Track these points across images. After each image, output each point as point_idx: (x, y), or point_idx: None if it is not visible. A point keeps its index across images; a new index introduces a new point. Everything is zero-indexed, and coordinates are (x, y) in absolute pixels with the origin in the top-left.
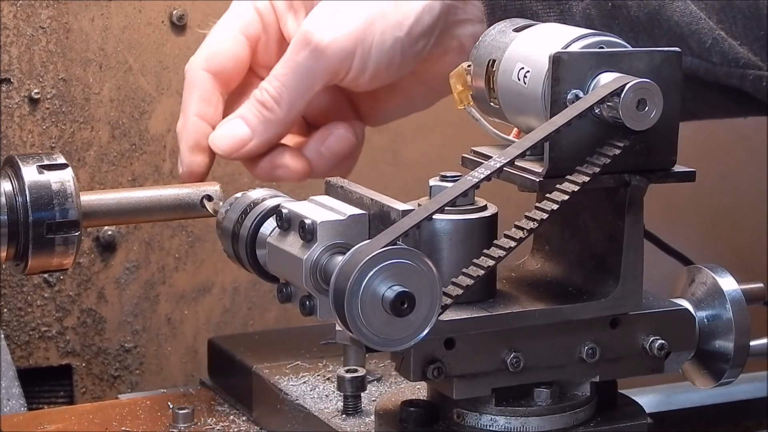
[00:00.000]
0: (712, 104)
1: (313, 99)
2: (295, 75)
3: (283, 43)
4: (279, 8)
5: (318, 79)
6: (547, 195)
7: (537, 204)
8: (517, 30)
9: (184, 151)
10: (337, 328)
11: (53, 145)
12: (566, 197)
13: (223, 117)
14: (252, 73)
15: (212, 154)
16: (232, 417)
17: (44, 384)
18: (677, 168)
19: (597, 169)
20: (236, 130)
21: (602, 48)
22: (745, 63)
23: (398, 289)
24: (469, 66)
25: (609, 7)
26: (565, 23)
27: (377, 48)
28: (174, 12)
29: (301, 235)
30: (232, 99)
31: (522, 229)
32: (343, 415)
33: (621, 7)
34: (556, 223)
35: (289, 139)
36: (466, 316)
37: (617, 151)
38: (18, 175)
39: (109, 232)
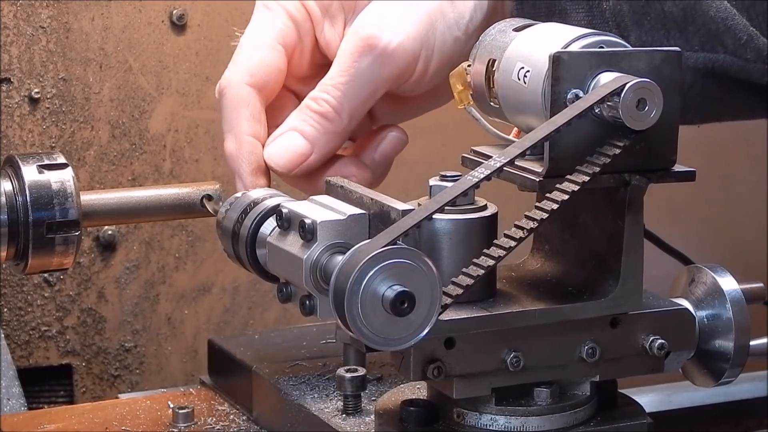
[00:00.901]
0: (739, 104)
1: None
2: (357, 82)
3: (316, 52)
4: (315, 14)
5: (382, 85)
6: (547, 195)
7: (537, 204)
8: (517, 30)
9: (245, 175)
10: (337, 327)
11: (53, 144)
12: (566, 197)
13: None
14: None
15: (268, 172)
16: (232, 417)
17: (44, 384)
18: (677, 168)
19: (597, 169)
20: (294, 145)
21: (602, 47)
22: None
23: (398, 288)
24: (469, 66)
25: (642, 3)
26: (592, 20)
27: (439, 48)
28: (174, 12)
29: (301, 235)
30: (266, 114)
31: (522, 228)
32: (343, 415)
33: (655, 2)
34: (556, 222)
35: None
36: (466, 316)
37: (617, 151)
38: (18, 175)
39: (109, 232)
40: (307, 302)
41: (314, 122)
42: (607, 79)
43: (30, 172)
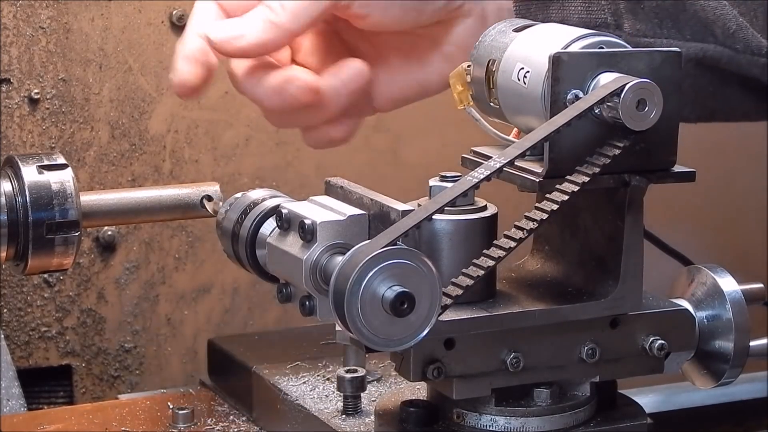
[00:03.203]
0: (731, 101)
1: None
2: None
3: None
4: None
5: None
6: (547, 195)
7: (537, 204)
8: (517, 30)
9: (176, 60)
10: (337, 328)
11: (53, 145)
12: (566, 197)
13: None
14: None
15: (206, 68)
16: (232, 417)
17: (44, 384)
18: (677, 168)
19: (597, 170)
20: (234, 24)
21: (602, 48)
22: (767, 52)
23: (398, 289)
24: (468, 66)
25: None
26: (588, 7)
27: None
28: (174, 12)
29: (301, 236)
30: None
31: (522, 229)
32: (343, 416)
33: None
34: (555, 223)
35: None
36: (466, 316)
37: (617, 151)
38: (18, 175)
39: (109, 232)
40: (307, 303)
41: (260, 10)
42: (606, 79)
43: (30, 173)
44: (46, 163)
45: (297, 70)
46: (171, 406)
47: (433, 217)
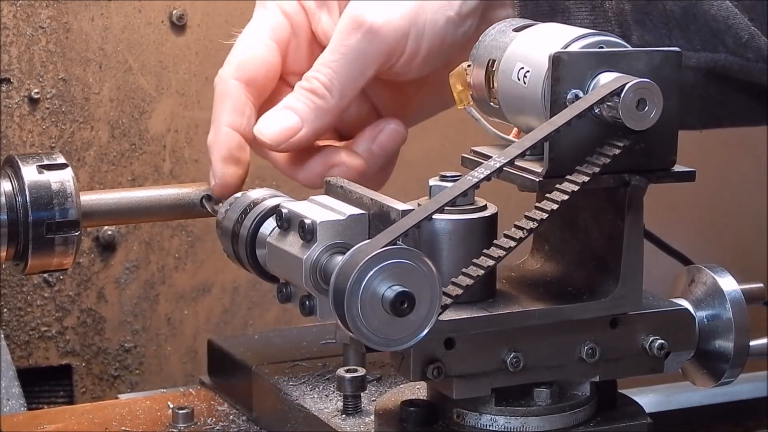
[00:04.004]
0: (739, 108)
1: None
2: (347, 60)
3: (314, 45)
4: (309, 7)
5: (371, 62)
6: (547, 195)
7: (537, 204)
8: (517, 30)
9: (216, 162)
10: (337, 328)
11: (53, 145)
12: (566, 197)
13: None
14: (282, 82)
15: (245, 166)
16: (232, 417)
17: (44, 384)
18: (677, 168)
19: (597, 169)
20: (284, 118)
21: (602, 48)
22: None
23: (398, 289)
24: (469, 66)
25: (644, 2)
26: (595, 19)
27: (430, 27)
28: (174, 12)
29: (301, 235)
30: (264, 110)
31: (522, 229)
32: (343, 415)
33: (657, 1)
34: (555, 223)
35: None
36: (466, 316)
37: (617, 151)
38: (18, 175)
39: (109, 232)
40: (307, 302)
41: (305, 98)
42: (606, 79)
43: (30, 173)
44: (46, 162)
45: (341, 154)
46: (171, 406)
47: (433, 216)
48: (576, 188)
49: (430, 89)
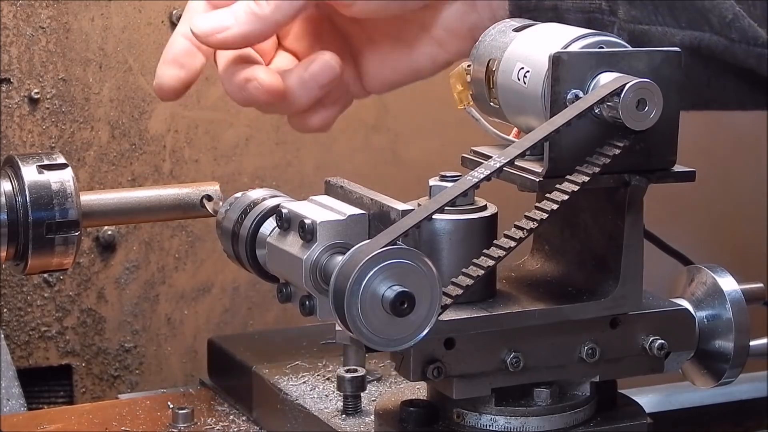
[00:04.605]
0: (727, 91)
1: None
2: None
3: None
4: None
5: None
6: (547, 195)
7: (537, 204)
8: (517, 30)
9: (159, 65)
10: (337, 328)
11: (53, 145)
12: (566, 197)
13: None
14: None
15: (190, 72)
16: (232, 417)
17: (44, 384)
18: (677, 168)
19: (597, 169)
20: (218, 16)
21: (602, 48)
22: (764, 42)
23: (398, 289)
24: (468, 66)
25: None
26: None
27: None
28: (174, 12)
29: (301, 235)
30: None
31: (522, 229)
32: (343, 415)
33: None
34: (555, 223)
35: None
36: (466, 316)
37: (617, 151)
38: (18, 175)
39: (109, 232)
40: (307, 302)
41: (245, 5)
42: (606, 79)
43: (30, 173)
44: (46, 162)
45: (259, 70)
46: (171, 406)
47: (433, 216)
48: (576, 188)
49: (405, 45)
